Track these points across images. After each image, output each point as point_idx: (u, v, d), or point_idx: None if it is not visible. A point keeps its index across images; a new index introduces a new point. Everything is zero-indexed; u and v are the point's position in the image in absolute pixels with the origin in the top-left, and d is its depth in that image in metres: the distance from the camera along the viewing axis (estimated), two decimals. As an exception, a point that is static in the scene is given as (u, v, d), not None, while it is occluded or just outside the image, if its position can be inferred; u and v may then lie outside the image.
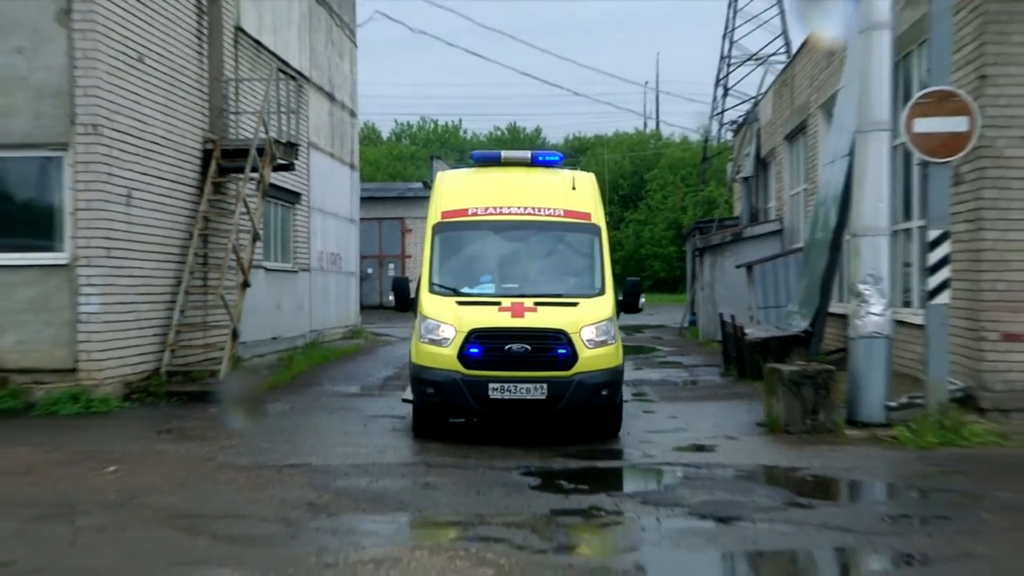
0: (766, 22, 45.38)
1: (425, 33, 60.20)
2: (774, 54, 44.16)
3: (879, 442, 9.65)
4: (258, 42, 17.38)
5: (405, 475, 8.42)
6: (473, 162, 11.55)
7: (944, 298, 10.03)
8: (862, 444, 9.61)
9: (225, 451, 9.29)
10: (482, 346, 9.40)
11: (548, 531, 6.64)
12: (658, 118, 71.06)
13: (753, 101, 32.21)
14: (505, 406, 9.45)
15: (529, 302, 9.71)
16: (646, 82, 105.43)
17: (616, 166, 57.81)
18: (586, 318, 9.65)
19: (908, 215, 13.41)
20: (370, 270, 33.95)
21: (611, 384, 9.61)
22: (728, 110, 46.26)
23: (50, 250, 11.93)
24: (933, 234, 10.05)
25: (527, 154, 11.41)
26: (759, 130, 26.14)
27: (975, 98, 10.19)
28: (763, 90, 28.58)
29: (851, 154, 12.03)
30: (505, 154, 11.30)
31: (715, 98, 48.15)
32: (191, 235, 14.12)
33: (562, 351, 9.42)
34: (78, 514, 7.12)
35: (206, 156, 14.77)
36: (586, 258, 10.50)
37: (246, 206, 14.63)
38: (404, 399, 10.82)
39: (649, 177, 58.48)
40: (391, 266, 34.89)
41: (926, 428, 9.58)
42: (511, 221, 10.52)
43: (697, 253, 24.01)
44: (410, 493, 7.76)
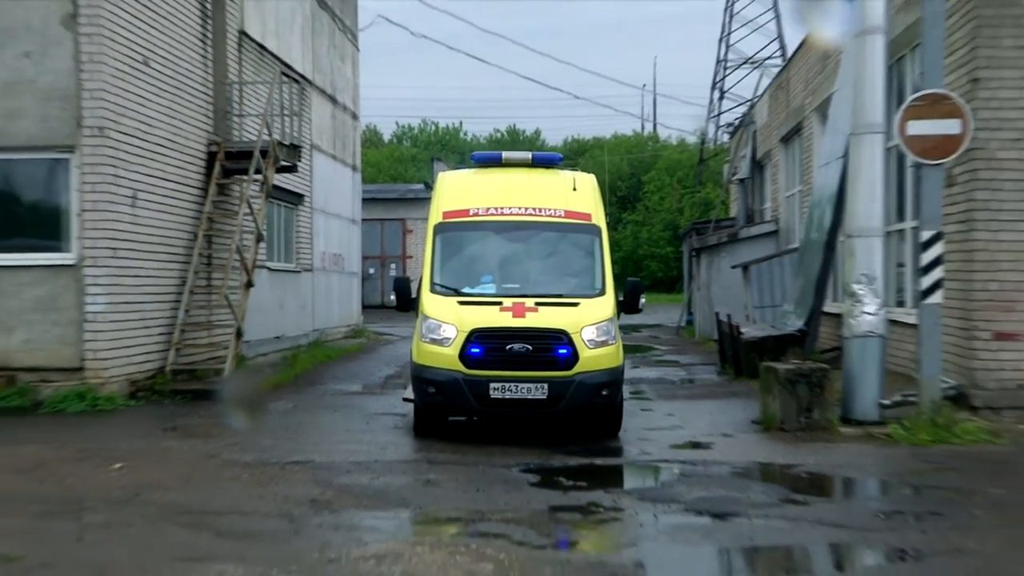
0: (762, 26, 45.29)
1: (426, 37, 60.23)
2: (769, 58, 44.03)
3: (873, 439, 9.69)
4: (262, 46, 17.40)
5: (406, 472, 8.46)
6: (474, 163, 11.49)
7: (937, 298, 10.07)
8: (856, 441, 9.66)
9: (229, 448, 9.29)
10: (483, 346, 9.34)
11: (547, 527, 6.66)
12: (655, 121, 72.23)
13: (749, 104, 32.20)
14: (506, 406, 9.39)
15: (530, 302, 9.64)
16: (644, 85, 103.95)
17: (614, 168, 57.76)
18: (587, 318, 9.58)
19: (901, 216, 13.45)
20: (372, 270, 33.96)
21: (612, 384, 9.54)
22: (724, 113, 46.12)
23: (57, 250, 11.95)
24: (926, 235, 10.09)
25: (528, 155, 11.35)
26: (755, 132, 26.16)
27: (967, 101, 10.24)
28: (759, 93, 28.60)
29: (845, 156, 12.12)
30: (506, 155, 11.23)
31: (711, 101, 48.03)
32: (196, 236, 14.15)
33: (563, 351, 9.36)
34: (85, 510, 7.12)
35: (210, 158, 14.80)
36: (587, 258, 10.43)
37: (250, 207, 14.64)
38: (405, 398, 10.80)
39: (647, 179, 58.58)
40: (392, 266, 34.93)
41: (919, 426, 9.62)
42: (512, 221, 10.46)
43: (694, 253, 24.04)
44: (411, 490, 7.79)
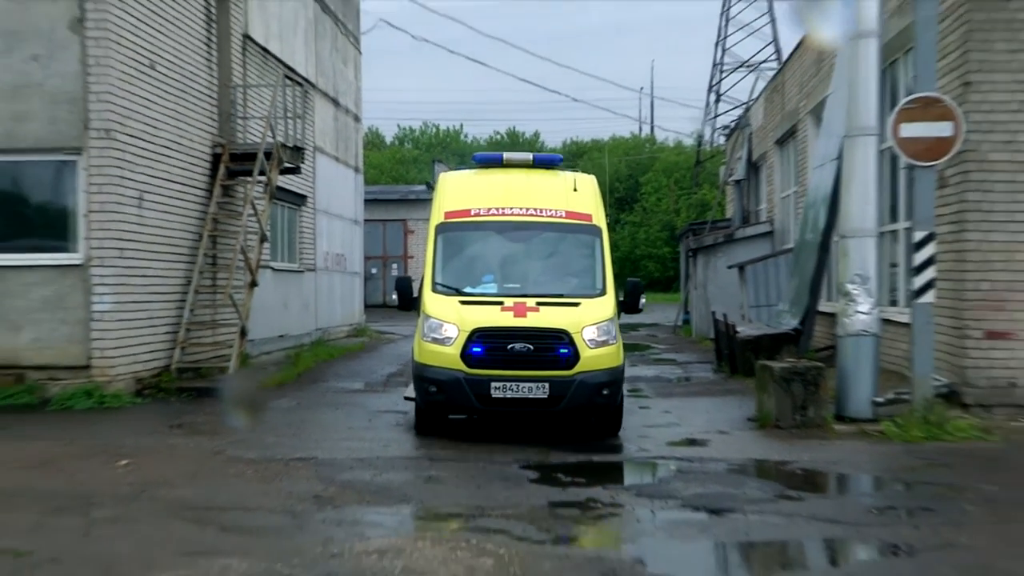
0: (757, 30, 45.44)
1: (427, 41, 60.00)
2: (765, 61, 44.14)
3: (866, 436, 9.76)
4: (265, 49, 17.50)
5: (408, 468, 8.52)
6: (475, 163, 11.46)
7: (929, 297, 10.13)
8: (850, 438, 9.72)
9: (234, 445, 9.32)
10: (485, 345, 9.32)
11: (546, 523, 6.70)
12: (653, 123, 73.32)
13: (745, 107, 32.25)
14: (507, 405, 9.36)
15: (531, 302, 9.62)
16: (641, 88, 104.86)
17: (612, 170, 57.93)
18: (588, 318, 9.56)
19: (895, 217, 13.52)
20: (374, 270, 34.04)
21: (612, 384, 9.52)
22: (720, 115, 46.16)
23: (64, 251, 12.05)
24: (918, 235, 10.15)
25: (529, 156, 11.31)
26: (750, 135, 26.25)
27: (959, 104, 10.32)
28: (754, 96, 28.61)
29: (839, 158, 12.13)
30: (507, 156, 11.20)
31: (708, 104, 48.17)
32: (201, 236, 14.24)
33: (564, 351, 9.33)
34: (92, 506, 7.16)
35: (215, 160, 14.90)
36: (587, 259, 10.40)
37: (254, 208, 14.73)
38: (406, 397, 10.78)
39: (644, 180, 58.82)
40: (394, 266, 35.02)
41: (912, 423, 9.70)
42: (513, 222, 10.43)
43: (690, 254, 24.10)
44: (413, 486, 7.85)
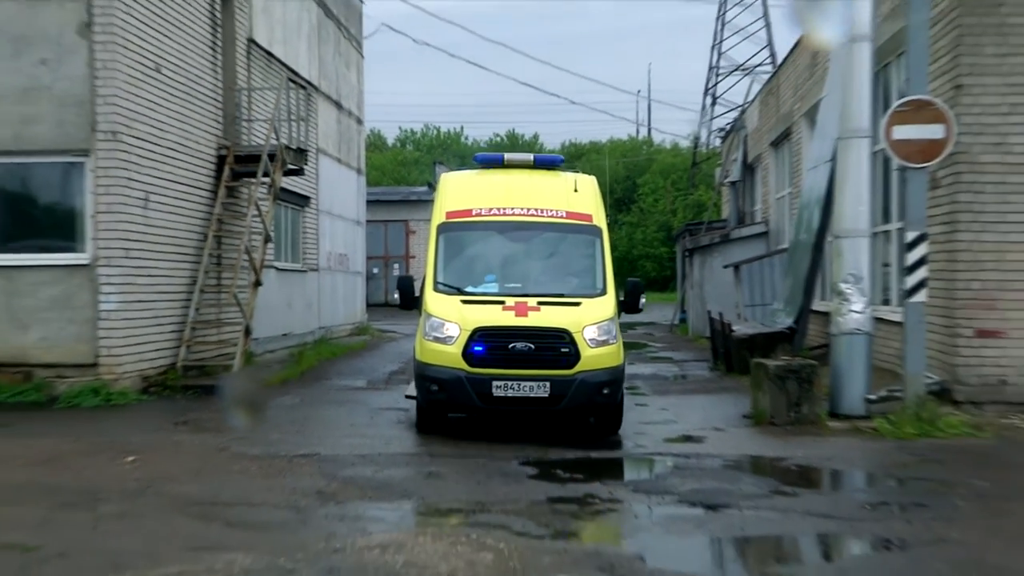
0: (753, 34, 45.34)
1: (428, 45, 60.14)
2: (760, 64, 44.06)
3: (860, 433, 9.83)
4: (269, 53, 17.64)
5: (409, 465, 8.61)
6: (477, 164, 11.48)
7: (921, 296, 10.22)
8: (843, 435, 9.79)
9: (238, 442, 9.38)
10: (486, 344, 9.32)
11: (545, 518, 6.76)
12: (650, 125, 74.39)
13: (740, 109, 32.31)
14: (508, 404, 9.36)
15: (532, 301, 9.63)
16: (638, 91, 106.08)
17: (610, 171, 58.17)
18: (588, 318, 9.56)
19: (887, 218, 13.58)
20: (376, 270, 34.17)
21: (613, 383, 9.52)
22: (716, 118, 46.11)
23: (72, 251, 12.15)
24: (911, 236, 10.24)
25: (530, 156, 11.35)
26: (746, 137, 26.36)
27: (951, 107, 10.39)
28: (750, 99, 28.67)
29: (833, 160, 12.24)
30: (508, 156, 11.21)
31: (704, 106, 48.17)
32: (206, 236, 14.35)
33: (565, 350, 9.34)
34: (99, 501, 7.23)
35: (220, 161, 15.01)
36: (588, 259, 10.42)
37: (258, 209, 14.85)
38: (408, 395, 10.80)
39: (641, 181, 59.01)
40: (396, 266, 35.15)
41: (904, 420, 9.77)
42: (514, 222, 10.45)
43: (687, 254, 24.14)
44: (414, 482, 7.93)
